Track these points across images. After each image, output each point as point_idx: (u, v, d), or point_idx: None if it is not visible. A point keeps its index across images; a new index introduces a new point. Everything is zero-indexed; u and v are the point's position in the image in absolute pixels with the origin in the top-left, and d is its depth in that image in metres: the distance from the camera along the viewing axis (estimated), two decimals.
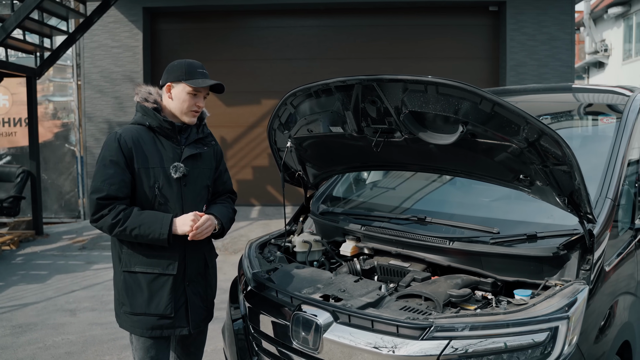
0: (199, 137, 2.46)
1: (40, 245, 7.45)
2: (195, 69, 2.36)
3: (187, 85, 2.34)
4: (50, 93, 9.36)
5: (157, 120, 2.36)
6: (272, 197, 9.24)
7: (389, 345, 1.93)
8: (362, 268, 2.64)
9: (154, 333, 2.36)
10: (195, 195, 2.42)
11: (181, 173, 2.35)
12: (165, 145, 2.38)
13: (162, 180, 2.34)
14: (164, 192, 2.33)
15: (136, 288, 2.35)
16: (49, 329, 4.43)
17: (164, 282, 2.34)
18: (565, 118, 3.29)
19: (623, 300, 2.40)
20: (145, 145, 2.34)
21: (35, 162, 7.90)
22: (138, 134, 2.36)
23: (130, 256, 2.36)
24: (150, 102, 2.39)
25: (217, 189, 2.59)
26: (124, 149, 2.30)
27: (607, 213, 2.32)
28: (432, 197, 2.99)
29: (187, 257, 2.38)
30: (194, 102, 2.37)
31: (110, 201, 2.28)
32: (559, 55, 8.84)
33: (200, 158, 2.45)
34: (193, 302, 2.41)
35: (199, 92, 2.37)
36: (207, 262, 2.49)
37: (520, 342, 1.87)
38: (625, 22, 18.04)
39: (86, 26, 7.82)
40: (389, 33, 9.23)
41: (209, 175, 2.50)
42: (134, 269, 2.35)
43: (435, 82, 1.99)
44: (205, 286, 2.49)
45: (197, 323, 2.44)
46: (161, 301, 2.33)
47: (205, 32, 9.23)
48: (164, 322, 2.36)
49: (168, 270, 2.34)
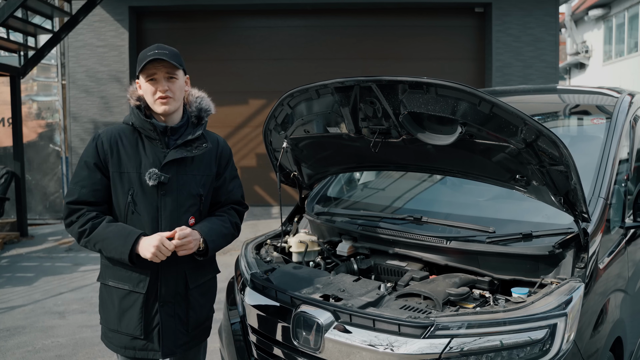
0: (188, 140, 2.17)
1: (25, 247, 7.34)
2: (146, 53, 2.10)
3: (140, 74, 2.13)
4: (34, 93, 9.23)
5: (139, 119, 2.14)
6: (259, 197, 9.22)
7: (391, 344, 1.95)
8: (360, 268, 2.65)
9: (127, 353, 2.19)
10: (178, 207, 2.14)
11: (156, 180, 2.09)
12: (147, 148, 2.15)
13: (137, 187, 2.11)
14: (137, 201, 2.10)
15: (109, 302, 2.19)
16: (37, 331, 4.38)
17: (134, 300, 2.13)
18: (557, 119, 3.35)
19: (615, 297, 2.45)
20: (124, 147, 2.14)
21: (20, 162, 7.79)
22: (120, 134, 2.16)
23: (106, 267, 2.20)
24: (134, 99, 2.17)
25: (218, 199, 2.30)
26: (99, 151, 2.13)
27: (600, 212, 2.37)
28: (428, 196, 3.02)
29: (160, 276, 2.14)
30: (155, 88, 2.10)
31: (81, 206, 2.11)
32: (544, 57, 8.97)
33: (190, 163, 2.18)
34: (168, 326, 2.16)
35: (154, 75, 2.10)
36: (189, 282, 2.19)
37: (520, 340, 1.90)
38: (605, 24, 18.34)
39: (71, 25, 7.73)
40: (375, 33, 9.27)
41: (202, 182, 2.21)
42: (108, 282, 2.19)
43: (434, 84, 2.02)
44: (187, 308, 2.20)
45: (172, 349, 2.19)
46: (131, 321, 2.14)
47: (191, 31, 9.18)
48: (136, 343, 2.16)
49: (138, 288, 2.12)
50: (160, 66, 2.10)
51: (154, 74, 2.11)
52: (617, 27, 17.54)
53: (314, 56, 9.18)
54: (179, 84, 2.16)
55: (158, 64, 2.09)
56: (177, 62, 2.12)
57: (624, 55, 16.98)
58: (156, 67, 2.10)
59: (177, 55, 2.16)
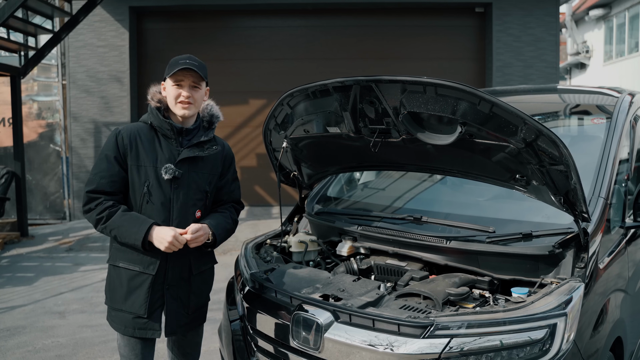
0: (201, 141, 2.41)
1: (25, 247, 7.34)
2: (177, 61, 2.34)
3: (168, 78, 2.35)
4: (34, 93, 9.23)
5: (157, 119, 2.37)
6: (260, 197, 9.22)
7: (391, 343, 1.95)
8: (359, 268, 2.65)
9: (127, 331, 2.36)
10: (188, 200, 2.37)
11: (171, 175, 2.31)
12: (163, 146, 2.37)
13: (153, 180, 2.32)
14: (152, 192, 2.32)
15: (117, 283, 2.37)
16: (38, 331, 4.38)
17: (142, 281, 2.33)
18: (557, 119, 3.34)
19: (615, 297, 2.45)
20: (142, 143, 2.35)
21: (20, 162, 7.79)
22: (138, 131, 2.37)
23: (117, 250, 2.38)
24: (154, 101, 2.40)
25: (221, 197, 2.53)
26: (119, 145, 2.33)
27: (600, 212, 2.36)
28: (427, 196, 3.02)
29: (169, 261, 2.35)
30: (179, 93, 2.33)
31: (99, 195, 2.30)
32: (544, 57, 8.97)
33: (200, 162, 2.41)
34: (171, 307, 2.37)
35: (181, 82, 2.33)
36: (192, 268, 2.42)
37: (519, 339, 1.89)
38: (606, 24, 18.35)
39: (71, 25, 7.73)
40: (376, 33, 9.27)
41: (209, 180, 2.44)
42: (118, 264, 2.37)
43: (434, 83, 2.01)
44: (189, 292, 2.42)
45: (173, 329, 2.40)
46: (137, 300, 2.33)
47: (191, 31, 9.18)
48: (137, 322, 2.34)
49: (148, 270, 2.32)
50: (188, 75, 2.32)
51: (182, 80, 2.33)
52: (618, 27, 17.55)
53: (314, 56, 9.18)
54: (200, 94, 2.39)
55: (187, 72, 2.32)
56: (203, 74, 2.35)
57: (625, 55, 16.99)
58: (185, 74, 2.32)
59: (204, 68, 2.39)
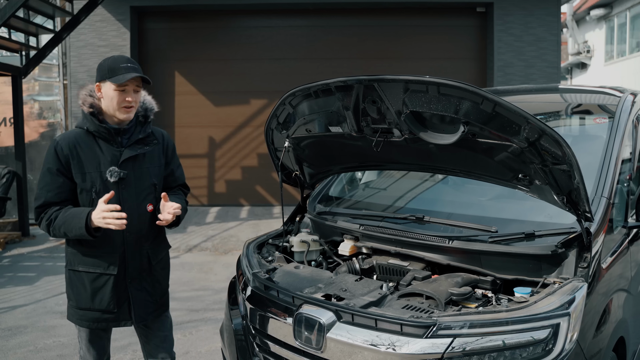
0: (140, 138, 2.47)
1: (27, 247, 7.35)
2: (119, 64, 2.34)
3: (110, 82, 2.34)
4: (35, 92, 9.24)
5: (94, 125, 2.39)
6: (261, 197, 9.22)
7: (393, 343, 1.94)
8: (362, 267, 2.65)
9: (99, 325, 2.49)
10: (138, 197, 2.45)
11: (117, 177, 2.38)
12: (104, 149, 2.41)
13: (99, 185, 2.38)
14: (100, 197, 2.32)
15: (80, 286, 2.45)
16: (39, 331, 4.38)
17: (105, 281, 2.43)
18: (559, 118, 3.34)
19: (617, 297, 2.45)
20: (83, 150, 2.39)
21: (21, 162, 7.80)
22: (76, 139, 2.40)
23: (73, 255, 2.45)
24: (86, 106, 2.41)
25: (168, 184, 2.64)
26: (60, 157, 2.36)
27: (603, 211, 2.36)
28: (430, 196, 3.02)
29: (127, 257, 2.44)
30: (123, 98, 2.36)
31: (48, 207, 2.38)
32: (546, 56, 8.96)
33: (143, 158, 2.48)
34: (137, 298, 2.49)
35: (126, 87, 2.35)
36: (151, 259, 2.53)
37: (522, 339, 1.89)
38: (607, 24, 18.34)
39: (73, 25, 7.73)
40: (377, 33, 9.27)
41: (156, 173, 2.53)
42: (78, 268, 2.44)
43: (436, 83, 2.01)
44: (152, 282, 2.55)
45: (143, 317, 2.54)
46: (104, 298, 2.43)
47: (193, 31, 9.18)
48: (108, 316, 2.47)
49: (109, 271, 2.42)
50: (132, 80, 2.36)
51: (126, 85, 2.36)
52: (619, 27, 17.53)
53: (315, 56, 9.17)
54: (140, 95, 2.46)
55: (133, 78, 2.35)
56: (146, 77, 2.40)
57: (626, 55, 16.97)
58: (130, 80, 2.35)
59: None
